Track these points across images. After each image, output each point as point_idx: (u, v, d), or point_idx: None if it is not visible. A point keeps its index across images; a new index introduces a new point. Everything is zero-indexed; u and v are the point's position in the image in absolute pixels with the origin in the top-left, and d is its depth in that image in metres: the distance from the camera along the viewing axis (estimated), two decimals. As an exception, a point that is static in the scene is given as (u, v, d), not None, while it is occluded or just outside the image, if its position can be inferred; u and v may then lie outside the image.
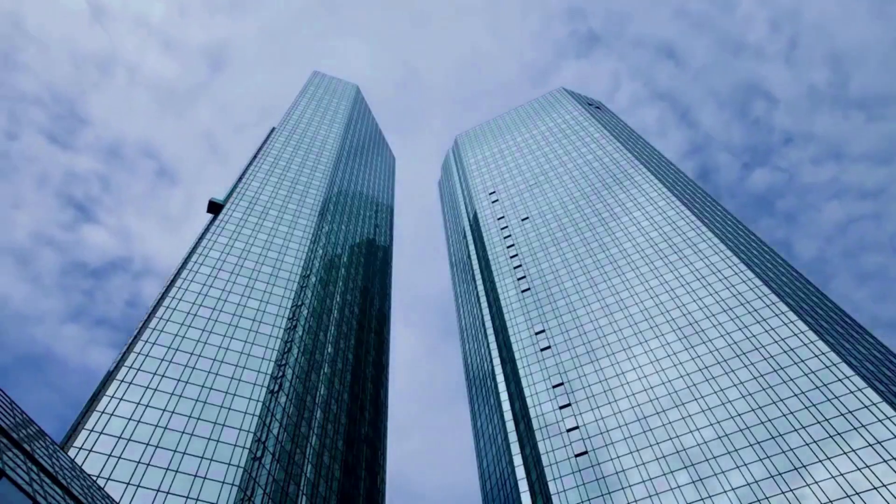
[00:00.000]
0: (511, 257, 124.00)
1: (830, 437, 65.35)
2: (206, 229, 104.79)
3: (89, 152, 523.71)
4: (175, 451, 63.16)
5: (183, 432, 65.58)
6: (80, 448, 59.25)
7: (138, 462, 60.33)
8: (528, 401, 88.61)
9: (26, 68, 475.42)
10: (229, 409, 70.85)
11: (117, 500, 53.28)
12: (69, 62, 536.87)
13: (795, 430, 67.71)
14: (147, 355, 73.39)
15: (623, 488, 71.13)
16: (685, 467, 70.05)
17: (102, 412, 64.01)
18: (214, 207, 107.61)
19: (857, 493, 59.27)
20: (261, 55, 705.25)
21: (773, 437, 68.11)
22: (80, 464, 57.30)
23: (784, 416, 69.71)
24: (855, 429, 64.84)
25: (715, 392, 76.48)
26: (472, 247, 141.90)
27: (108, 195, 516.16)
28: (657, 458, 72.56)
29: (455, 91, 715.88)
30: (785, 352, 76.84)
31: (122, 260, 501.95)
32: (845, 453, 63.17)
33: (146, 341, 75.42)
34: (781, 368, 75.05)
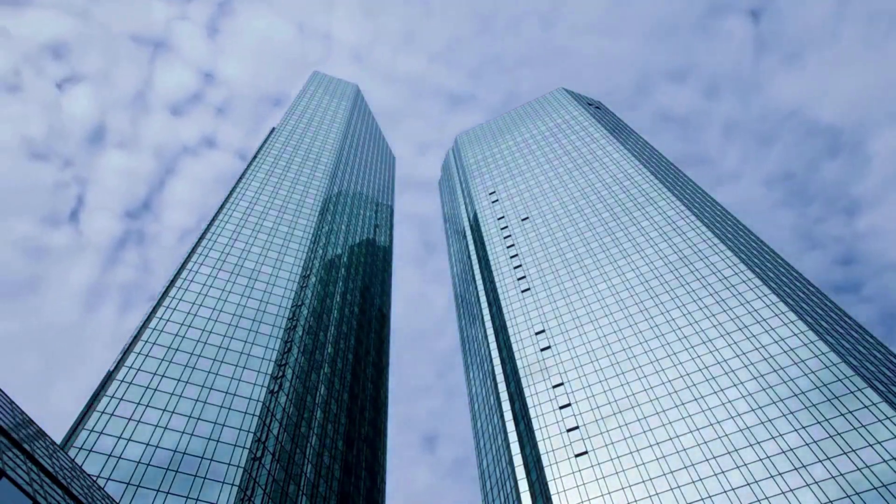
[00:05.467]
0: (511, 257, 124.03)
1: (830, 437, 65.35)
2: (207, 229, 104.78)
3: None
4: (175, 450, 63.20)
5: (183, 432, 65.62)
6: (80, 448, 59.28)
7: (138, 462, 60.37)
8: (528, 400, 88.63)
9: None
10: (229, 409, 70.89)
11: (117, 500, 53.28)
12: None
13: (795, 430, 67.72)
14: (147, 355, 73.42)
15: (623, 488, 71.13)
16: (685, 467, 70.04)
17: (102, 412, 64.06)
18: None
19: (857, 493, 59.28)
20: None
21: (772, 437, 68.13)
22: (80, 464, 57.31)
23: (784, 416, 69.72)
24: (855, 429, 64.84)
25: (715, 392, 76.49)
26: (472, 247, 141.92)
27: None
28: (657, 458, 72.56)
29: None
30: (785, 352, 76.84)
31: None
32: (845, 453, 63.18)
33: (146, 341, 75.46)
34: (781, 368, 75.06)
